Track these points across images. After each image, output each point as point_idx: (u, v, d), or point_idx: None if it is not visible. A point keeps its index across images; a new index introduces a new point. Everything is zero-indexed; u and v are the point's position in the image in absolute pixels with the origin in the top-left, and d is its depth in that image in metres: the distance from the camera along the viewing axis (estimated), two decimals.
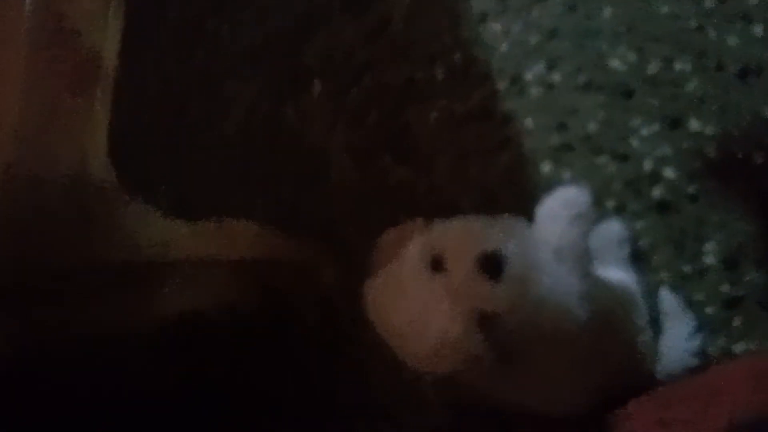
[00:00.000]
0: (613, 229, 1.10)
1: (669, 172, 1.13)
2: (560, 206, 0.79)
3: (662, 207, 1.13)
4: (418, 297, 0.68)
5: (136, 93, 1.51)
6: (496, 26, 1.24)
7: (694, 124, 1.12)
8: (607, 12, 1.17)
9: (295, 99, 1.39)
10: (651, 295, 1.07)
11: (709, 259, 1.11)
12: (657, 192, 1.13)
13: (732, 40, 1.10)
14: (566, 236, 0.76)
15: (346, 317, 1.31)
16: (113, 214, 0.82)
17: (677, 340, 1.04)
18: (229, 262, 1.07)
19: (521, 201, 1.10)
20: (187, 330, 1.27)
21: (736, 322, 1.10)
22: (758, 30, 1.09)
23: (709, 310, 1.11)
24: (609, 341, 0.86)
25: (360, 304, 1.28)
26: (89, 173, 0.76)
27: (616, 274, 1.01)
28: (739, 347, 1.10)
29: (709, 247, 1.11)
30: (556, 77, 1.20)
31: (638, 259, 1.12)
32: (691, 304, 1.11)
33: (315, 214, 1.36)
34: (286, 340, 1.34)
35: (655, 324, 1.05)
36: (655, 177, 1.13)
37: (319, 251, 1.30)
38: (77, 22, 0.78)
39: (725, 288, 1.11)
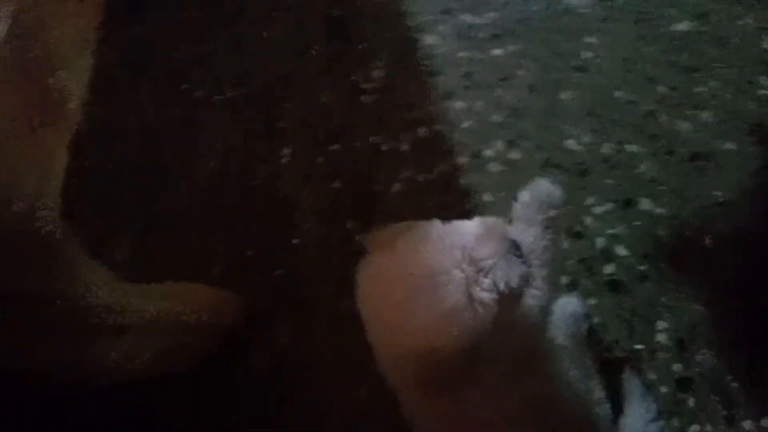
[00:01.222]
0: (570, 305, 1.12)
1: (621, 251, 1.15)
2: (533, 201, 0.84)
3: (614, 285, 1.15)
4: (444, 258, 0.71)
5: (112, 136, 1.55)
6: (460, 104, 1.30)
7: (645, 205, 1.15)
8: (567, 95, 1.23)
9: (267, 157, 1.43)
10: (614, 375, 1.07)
11: (661, 338, 1.12)
12: (609, 270, 1.15)
13: (683, 126, 1.15)
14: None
15: (300, 372, 1.30)
16: (57, 258, 0.81)
17: (637, 422, 1.04)
18: (181, 324, 1.05)
19: None
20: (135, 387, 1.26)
21: (690, 403, 1.10)
22: (707, 117, 1.14)
23: (663, 389, 1.11)
24: (563, 387, 0.90)
25: (315, 357, 1.29)
26: (37, 214, 0.76)
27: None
28: (693, 429, 1.10)
29: (661, 326, 1.12)
30: (515, 155, 1.24)
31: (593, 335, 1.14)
32: (644, 386, 1.11)
33: (277, 271, 1.37)
34: (238, 393, 1.33)
35: (617, 405, 1.05)
36: (607, 255, 1.15)
37: (274, 315, 1.29)
38: (50, 57, 0.78)
39: (678, 368, 1.11)
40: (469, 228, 0.75)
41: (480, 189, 1.25)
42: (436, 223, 0.75)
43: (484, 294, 0.69)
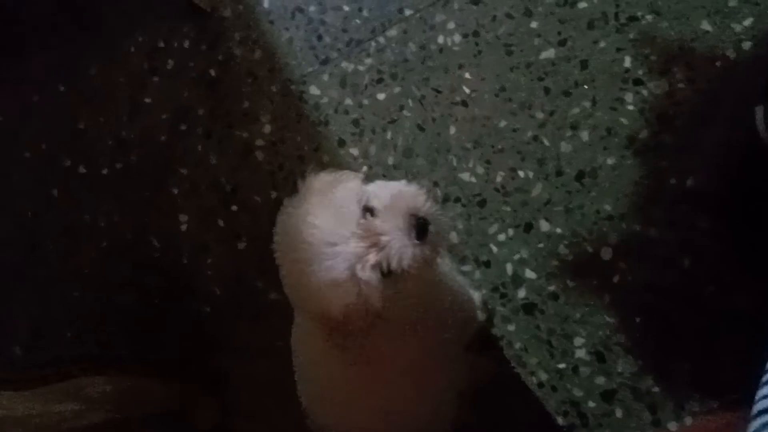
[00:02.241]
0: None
1: (529, 274, 1.17)
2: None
3: (528, 308, 1.16)
4: (341, 226, 0.69)
5: None
6: (354, 150, 1.29)
7: (544, 226, 1.18)
8: (453, 130, 1.26)
9: (160, 230, 1.35)
10: None
11: (581, 354, 1.14)
12: (521, 293, 1.17)
13: (564, 147, 1.20)
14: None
15: None
16: None
17: None
18: (89, 427, 0.96)
19: None
20: None
21: (618, 414, 1.12)
22: (585, 136, 1.20)
23: (590, 404, 1.13)
24: None
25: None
26: None
27: None
28: None
29: (578, 342, 1.14)
30: None
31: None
32: (572, 403, 1.13)
33: (184, 345, 1.29)
34: None
35: None
36: (517, 280, 1.17)
37: (190, 391, 1.21)
38: None
39: (600, 381, 1.13)
40: (382, 192, 0.73)
41: None
42: (355, 182, 0.74)
43: (366, 272, 0.68)
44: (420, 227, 0.70)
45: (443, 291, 0.89)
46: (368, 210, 0.71)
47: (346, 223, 0.69)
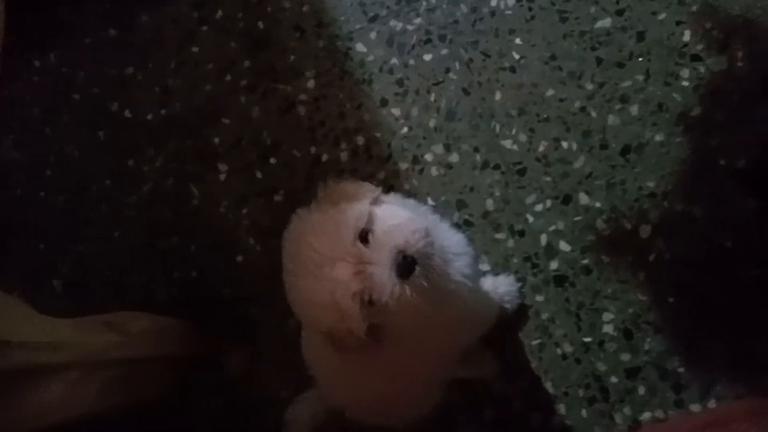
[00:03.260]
0: (502, 285, 1.14)
1: (564, 246, 1.16)
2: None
3: (559, 280, 1.16)
4: (332, 249, 0.70)
5: (32, 173, 1.46)
6: (396, 110, 1.29)
7: (584, 199, 1.17)
8: (499, 96, 1.24)
9: (200, 178, 1.38)
10: None
11: (608, 330, 1.14)
12: (554, 265, 1.16)
13: (612, 120, 1.18)
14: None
15: (253, 401, 1.26)
16: None
17: None
18: (125, 360, 1.00)
19: None
20: None
21: (640, 391, 1.12)
22: (634, 110, 1.17)
23: (613, 379, 1.13)
24: None
25: (267, 388, 1.25)
26: None
27: None
28: (645, 416, 1.12)
29: (607, 317, 1.14)
30: (454, 158, 1.24)
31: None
32: (595, 377, 1.13)
33: (220, 293, 1.32)
34: (191, 430, 1.27)
35: None
36: (550, 251, 1.17)
37: (222, 337, 1.25)
38: None
39: (626, 357, 1.13)
40: (386, 218, 0.74)
41: (422, 193, 1.24)
42: (362, 204, 0.74)
43: (346, 301, 0.69)
44: (403, 266, 0.69)
45: (450, 307, 0.86)
46: (365, 233, 0.71)
47: (338, 246, 0.70)
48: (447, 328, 0.88)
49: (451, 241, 0.82)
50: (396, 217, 0.74)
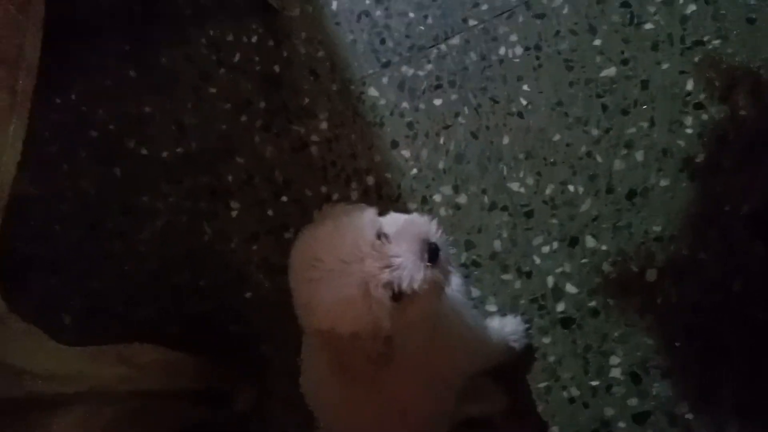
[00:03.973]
0: (509, 324, 1.15)
1: (570, 288, 1.17)
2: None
3: (566, 322, 1.16)
4: (356, 247, 0.72)
5: (48, 207, 1.49)
6: (406, 152, 1.32)
7: (590, 242, 1.18)
8: (507, 140, 1.27)
9: (213, 215, 1.40)
10: None
11: (616, 373, 1.13)
12: (560, 307, 1.17)
13: (618, 165, 1.20)
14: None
15: None
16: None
17: None
18: (135, 393, 1.00)
19: None
20: None
21: None
22: (639, 156, 1.20)
23: (621, 425, 1.12)
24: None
25: (274, 426, 1.25)
26: None
27: None
28: None
29: (614, 361, 1.14)
30: (462, 199, 1.26)
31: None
32: (603, 422, 1.12)
33: (229, 330, 1.33)
34: None
35: None
36: (557, 293, 1.17)
37: (231, 373, 1.25)
38: None
39: (634, 402, 1.12)
40: (395, 221, 0.77)
41: None
42: (370, 211, 0.78)
43: (378, 291, 0.71)
44: (432, 251, 0.73)
45: (451, 324, 0.91)
46: (382, 236, 0.74)
47: (360, 244, 0.73)
48: (449, 350, 0.90)
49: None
50: (404, 217, 0.78)
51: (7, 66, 0.74)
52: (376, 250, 0.72)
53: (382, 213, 0.81)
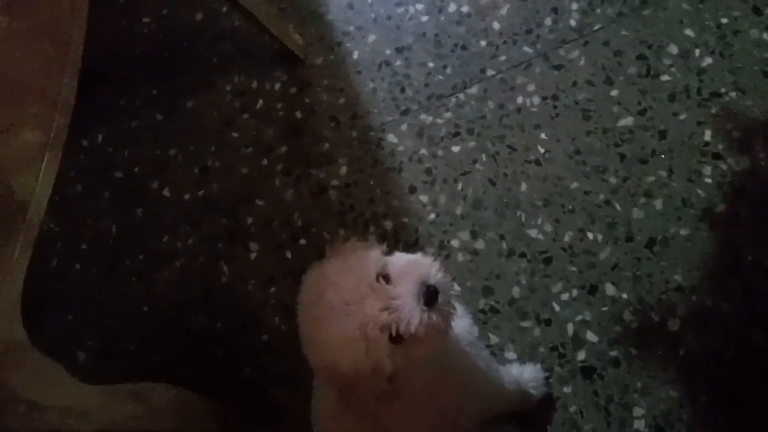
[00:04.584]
0: (528, 371, 1.14)
1: (591, 336, 1.15)
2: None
3: (587, 372, 1.14)
4: (357, 287, 0.72)
5: (69, 245, 1.51)
6: (424, 197, 1.33)
7: (610, 290, 1.17)
8: (525, 187, 1.28)
9: (231, 257, 1.41)
10: None
11: (639, 426, 1.10)
12: (581, 356, 1.15)
13: (637, 213, 1.20)
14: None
15: None
16: (17, 379, 0.76)
17: None
18: (145, 429, 0.99)
19: None
20: None
21: None
22: (659, 204, 1.20)
23: None
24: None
25: None
26: None
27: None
28: None
29: (637, 412, 1.10)
30: (480, 245, 1.26)
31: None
32: None
33: (245, 374, 1.31)
34: None
35: None
36: (577, 341, 1.16)
37: (245, 419, 1.23)
38: (5, 168, 0.77)
39: None
40: (398, 262, 0.77)
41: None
42: (375, 251, 0.78)
43: (376, 332, 0.71)
44: (429, 294, 0.73)
45: (460, 365, 0.91)
46: (384, 276, 0.75)
47: (362, 285, 0.73)
48: (457, 390, 0.89)
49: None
50: (408, 258, 0.78)
51: (46, 103, 0.77)
52: (376, 291, 0.72)
53: (390, 252, 0.81)
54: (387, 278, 0.75)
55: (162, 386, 1.00)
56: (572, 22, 1.39)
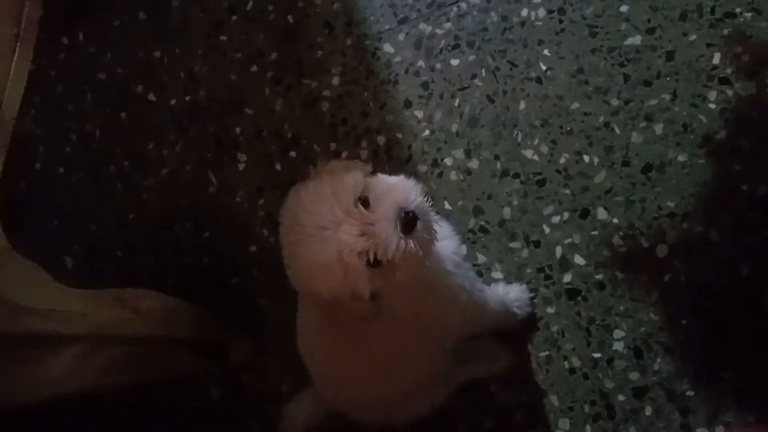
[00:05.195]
0: (514, 291, 1.14)
1: (579, 260, 1.16)
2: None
3: (572, 293, 1.15)
4: (333, 212, 0.71)
5: (52, 148, 1.47)
6: (419, 113, 1.29)
7: (602, 214, 1.16)
8: (523, 106, 1.24)
9: (219, 166, 1.38)
10: None
11: (618, 347, 1.13)
12: (567, 278, 1.15)
13: (635, 137, 1.17)
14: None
15: (253, 392, 1.26)
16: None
17: None
18: (133, 338, 1.00)
19: None
20: (81, 409, 1.18)
21: (647, 411, 1.11)
22: (659, 129, 1.17)
23: (620, 398, 1.12)
24: None
25: (268, 381, 1.25)
26: None
27: None
28: None
29: (618, 334, 1.13)
30: (474, 164, 1.24)
31: None
32: (602, 394, 1.12)
33: (231, 283, 1.32)
34: (190, 415, 1.27)
35: None
36: (565, 264, 1.16)
37: (229, 326, 1.25)
38: None
39: (634, 377, 1.12)
40: (378, 185, 0.75)
41: (439, 197, 1.24)
42: (354, 173, 0.76)
43: (352, 258, 0.71)
44: (407, 221, 0.71)
45: (442, 285, 0.90)
46: (362, 200, 0.73)
47: (337, 209, 0.71)
48: (440, 309, 0.89)
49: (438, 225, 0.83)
50: (389, 182, 0.76)
51: None
52: (352, 216, 0.71)
53: (373, 173, 0.79)
54: (366, 202, 0.73)
55: (147, 292, 1.00)
56: None
